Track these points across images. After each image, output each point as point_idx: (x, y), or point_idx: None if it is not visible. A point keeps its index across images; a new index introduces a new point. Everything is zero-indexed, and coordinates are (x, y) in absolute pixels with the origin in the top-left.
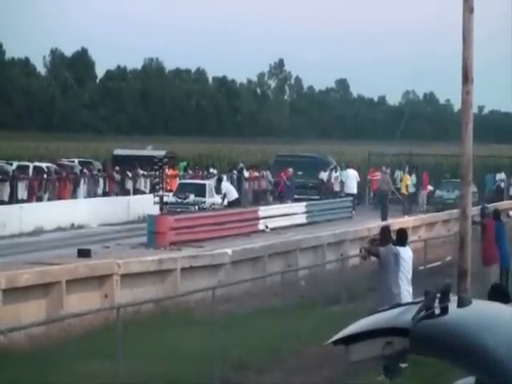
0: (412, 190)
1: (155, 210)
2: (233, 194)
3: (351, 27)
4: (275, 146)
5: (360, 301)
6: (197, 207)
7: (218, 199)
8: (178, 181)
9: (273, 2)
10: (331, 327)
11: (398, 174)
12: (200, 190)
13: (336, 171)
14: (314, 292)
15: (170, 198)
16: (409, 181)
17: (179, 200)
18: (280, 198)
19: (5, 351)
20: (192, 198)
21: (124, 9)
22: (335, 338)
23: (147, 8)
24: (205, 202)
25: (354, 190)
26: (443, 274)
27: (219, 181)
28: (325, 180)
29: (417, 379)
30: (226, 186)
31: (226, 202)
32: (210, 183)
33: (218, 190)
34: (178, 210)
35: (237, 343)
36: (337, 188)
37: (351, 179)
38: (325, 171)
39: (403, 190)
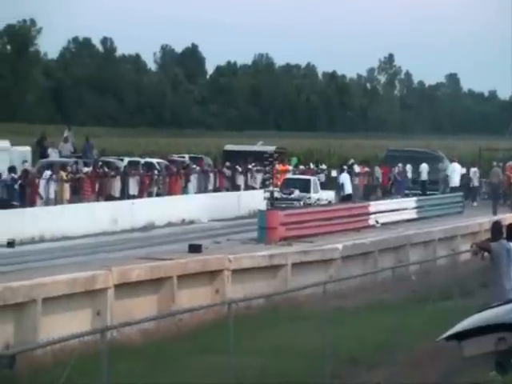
0: None
1: (265, 205)
2: (347, 188)
3: (462, 21)
4: (386, 141)
5: (472, 296)
6: (302, 203)
7: (322, 194)
8: (287, 176)
9: None
10: (443, 323)
11: None
12: (305, 186)
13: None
14: (425, 287)
15: (275, 193)
16: None
17: (284, 195)
18: (389, 193)
19: (118, 346)
20: (297, 193)
21: (234, 6)
22: (448, 333)
23: (257, 5)
24: (310, 198)
25: (458, 183)
26: None
27: (341, 171)
28: (449, 174)
29: None
30: (344, 178)
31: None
32: (315, 179)
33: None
34: (283, 205)
35: (348, 338)
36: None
37: (457, 173)
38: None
39: None
